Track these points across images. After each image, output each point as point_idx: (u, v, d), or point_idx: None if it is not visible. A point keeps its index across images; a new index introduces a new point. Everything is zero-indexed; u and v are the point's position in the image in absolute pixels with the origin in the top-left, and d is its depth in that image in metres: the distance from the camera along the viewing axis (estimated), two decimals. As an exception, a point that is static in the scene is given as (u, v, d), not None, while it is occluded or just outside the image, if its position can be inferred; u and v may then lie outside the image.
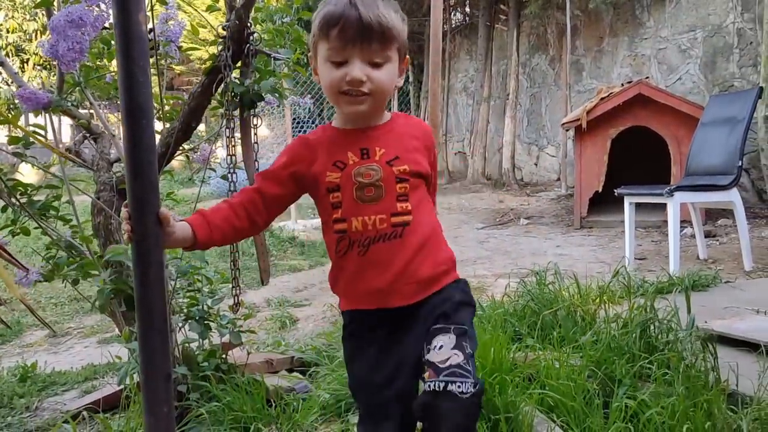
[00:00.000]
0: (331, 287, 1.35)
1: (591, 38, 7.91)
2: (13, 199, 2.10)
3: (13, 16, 14.35)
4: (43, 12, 2.29)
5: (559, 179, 8.29)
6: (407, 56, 1.29)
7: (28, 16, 14.17)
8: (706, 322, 2.45)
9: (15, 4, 13.88)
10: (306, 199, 1.44)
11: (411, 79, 11.92)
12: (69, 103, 2.17)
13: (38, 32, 13.77)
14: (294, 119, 10.29)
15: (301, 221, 6.73)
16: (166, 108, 2.30)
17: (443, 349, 1.19)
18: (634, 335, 2.13)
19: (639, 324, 2.15)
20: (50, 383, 2.70)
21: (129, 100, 1.13)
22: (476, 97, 9.34)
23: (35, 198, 2.12)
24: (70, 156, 2.16)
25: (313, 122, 12.03)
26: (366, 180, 1.22)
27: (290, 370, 2.54)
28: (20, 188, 2.11)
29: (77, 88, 2.05)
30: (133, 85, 1.12)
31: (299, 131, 11.48)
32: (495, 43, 9.57)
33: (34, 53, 13.51)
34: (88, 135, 2.39)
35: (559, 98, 8.37)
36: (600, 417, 1.79)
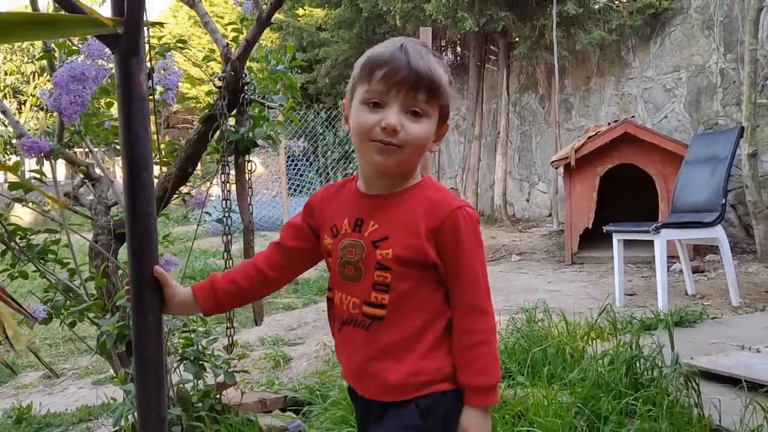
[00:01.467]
0: None
1: (579, 78, 8.10)
2: (13, 243, 2.16)
3: (11, 59, 14.57)
4: (41, 53, 2.38)
5: (550, 215, 8.38)
6: (447, 123, 1.16)
7: (25, 59, 14.39)
8: (692, 358, 2.50)
9: (13, 47, 14.10)
10: None
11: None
12: (69, 151, 2.25)
13: (35, 74, 13.96)
14: (288, 157, 10.41)
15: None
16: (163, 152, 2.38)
17: None
18: (620, 372, 2.18)
19: (625, 361, 2.21)
20: (45, 425, 2.71)
21: (130, 155, 1.20)
22: (468, 134, 9.48)
23: (33, 241, 2.19)
24: (69, 207, 2.22)
25: (307, 160, 12.15)
26: (348, 257, 1.11)
27: (284, 410, 2.56)
28: (19, 232, 2.18)
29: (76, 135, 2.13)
30: (134, 141, 1.19)
31: (294, 168, 11.61)
32: (486, 83, 9.76)
33: (31, 95, 13.68)
34: (86, 180, 2.46)
35: (549, 136, 8.52)
36: (587, 453, 1.83)
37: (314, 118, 12.00)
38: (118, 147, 2.72)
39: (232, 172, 2.15)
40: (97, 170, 2.21)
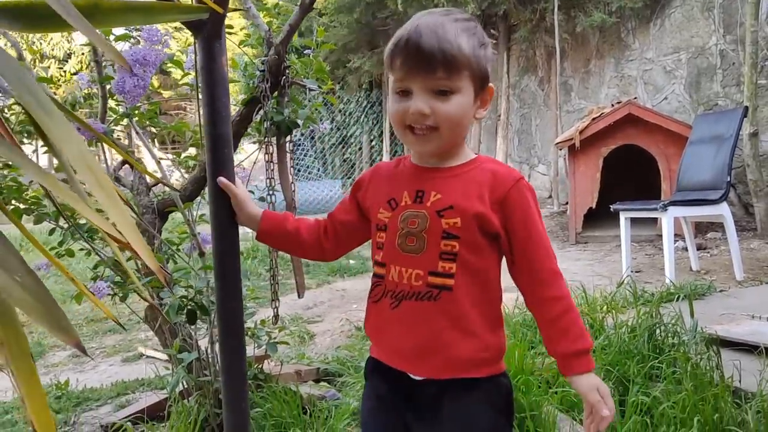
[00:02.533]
0: (364, 326, 1.24)
1: (578, 60, 8.19)
2: (61, 222, 2.25)
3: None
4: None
5: (550, 197, 8.50)
6: (489, 86, 1.12)
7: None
8: (705, 327, 2.62)
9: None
10: None
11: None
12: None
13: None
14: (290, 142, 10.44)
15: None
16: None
17: None
18: (642, 339, 2.30)
19: (647, 328, 2.32)
20: (84, 399, 2.81)
21: (213, 132, 1.30)
22: (468, 118, 9.57)
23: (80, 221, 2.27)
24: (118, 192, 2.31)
25: (297, 146, 12.18)
26: (410, 228, 1.09)
27: (317, 381, 2.68)
28: (67, 211, 2.26)
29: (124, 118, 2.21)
30: (216, 119, 1.29)
31: (301, 154, 11.67)
32: (485, 66, 9.84)
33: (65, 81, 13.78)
34: (126, 162, 2.54)
35: (548, 118, 8.62)
36: (617, 412, 1.95)
37: (311, 102, 12.03)
38: (153, 130, 2.81)
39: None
40: (144, 152, 2.29)
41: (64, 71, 13.57)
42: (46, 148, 0.92)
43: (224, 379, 1.33)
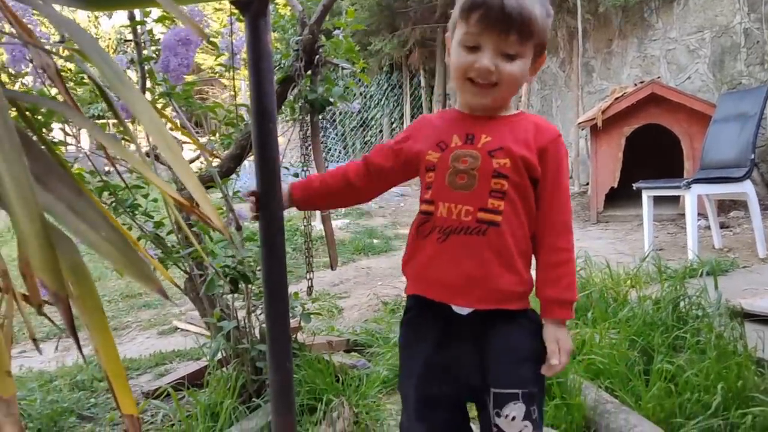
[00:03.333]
0: (402, 267, 1.29)
1: (600, 41, 8.14)
2: (103, 199, 2.35)
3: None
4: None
5: (571, 177, 8.51)
6: (545, 53, 1.22)
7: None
8: (728, 300, 2.67)
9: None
10: None
11: (423, 84, 12.15)
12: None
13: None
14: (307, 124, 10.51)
15: (324, 222, 6.96)
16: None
17: (515, 421, 1.15)
18: (666, 311, 2.35)
19: (671, 301, 2.38)
20: (125, 368, 2.92)
21: (260, 107, 1.36)
22: (488, 99, 9.57)
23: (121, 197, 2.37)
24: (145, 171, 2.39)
25: (322, 129, 12.24)
26: (461, 166, 1.16)
27: (347, 351, 2.77)
28: (109, 189, 2.36)
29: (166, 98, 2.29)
30: (262, 94, 1.36)
31: (322, 136, 11.71)
32: (505, 47, 9.82)
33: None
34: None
35: (569, 99, 8.60)
36: (642, 380, 2.01)
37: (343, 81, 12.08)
38: (185, 110, 2.89)
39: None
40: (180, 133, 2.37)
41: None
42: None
43: (269, 340, 1.40)
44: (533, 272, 1.22)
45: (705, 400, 1.87)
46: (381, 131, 12.56)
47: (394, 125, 12.37)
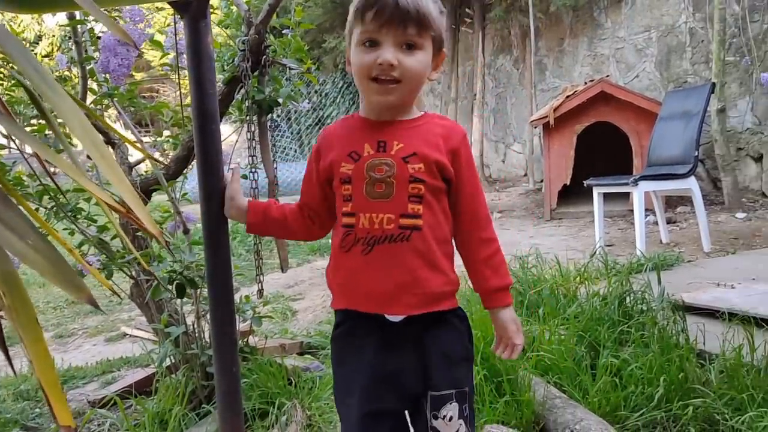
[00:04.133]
0: (328, 282, 1.27)
1: (552, 39, 8.27)
2: (44, 203, 2.28)
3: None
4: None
5: (526, 175, 8.63)
6: (443, 51, 1.23)
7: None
8: (672, 294, 2.74)
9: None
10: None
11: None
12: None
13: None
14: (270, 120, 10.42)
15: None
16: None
17: (452, 421, 1.17)
18: (613, 306, 2.40)
19: (617, 296, 2.43)
20: (70, 377, 2.85)
21: (200, 108, 1.35)
22: (444, 97, 9.63)
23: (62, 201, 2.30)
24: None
25: (276, 127, 12.15)
26: (377, 175, 1.15)
27: (300, 354, 2.75)
28: (49, 193, 2.29)
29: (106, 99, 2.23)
30: (203, 95, 1.34)
31: (277, 135, 11.62)
32: (461, 46, 9.88)
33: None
34: (106, 143, 2.56)
35: (523, 97, 8.72)
36: (589, 375, 2.05)
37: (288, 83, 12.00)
38: (132, 109, 2.82)
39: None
40: (128, 132, 2.32)
41: (35, 53, 13.31)
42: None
43: (215, 344, 1.38)
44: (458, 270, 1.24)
45: (648, 392, 1.92)
46: (337, 130, 12.52)
47: (350, 124, 12.36)
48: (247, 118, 2.16)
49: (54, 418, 0.71)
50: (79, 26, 2.27)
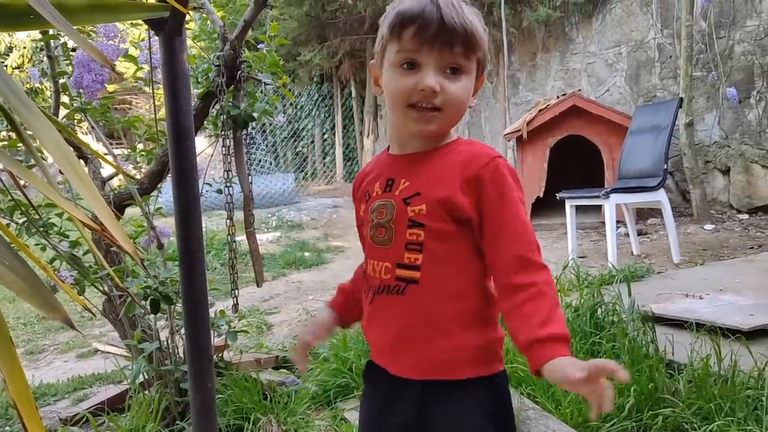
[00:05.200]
0: None
1: (525, 54, 8.40)
2: (15, 218, 2.25)
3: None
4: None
5: (500, 187, 8.71)
6: (484, 74, 1.07)
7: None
8: (642, 305, 2.79)
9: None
10: (256, 215, 1.44)
11: (354, 94, 12.20)
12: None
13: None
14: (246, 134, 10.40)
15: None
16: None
17: None
18: (585, 318, 2.44)
19: (589, 308, 2.47)
20: (41, 394, 2.81)
21: (176, 124, 1.36)
22: (419, 110, 9.69)
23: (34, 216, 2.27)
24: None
25: (251, 139, 12.11)
26: (379, 219, 1.04)
27: (276, 368, 2.74)
28: (22, 207, 2.26)
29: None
30: (179, 112, 1.35)
31: (252, 147, 11.57)
32: (435, 59, 9.99)
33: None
34: (79, 157, 2.54)
35: (497, 111, 8.82)
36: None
37: (263, 96, 11.99)
38: (103, 123, 2.80)
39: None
40: (99, 146, 2.31)
41: (5, 65, 13.12)
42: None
43: (190, 360, 1.38)
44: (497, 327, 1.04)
45: (619, 402, 1.95)
46: (312, 142, 12.53)
47: (325, 136, 12.38)
48: (223, 133, 2.17)
49: (27, 436, 0.71)
50: (52, 41, 2.27)
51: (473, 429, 0.99)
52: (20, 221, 2.26)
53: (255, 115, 2.27)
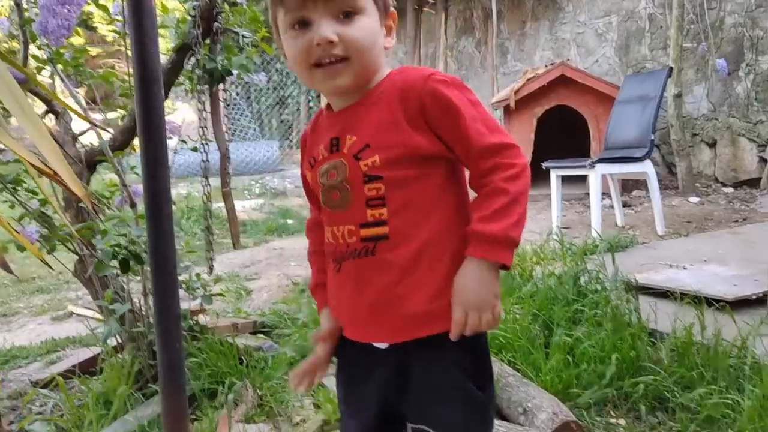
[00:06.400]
0: None
1: (514, 22, 8.28)
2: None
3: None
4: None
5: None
6: (391, 10, 1.00)
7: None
8: (626, 275, 2.76)
9: None
10: (239, 182, 1.37)
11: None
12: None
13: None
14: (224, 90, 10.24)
15: (238, 202, 6.80)
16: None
17: None
18: (568, 285, 2.41)
19: (572, 276, 2.44)
20: (12, 357, 2.74)
21: (142, 69, 1.26)
22: (406, 79, 9.57)
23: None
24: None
25: (235, 106, 11.94)
26: (330, 181, 0.97)
27: (253, 333, 2.69)
28: (-13, 163, 2.17)
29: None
30: (145, 55, 1.26)
31: (237, 114, 11.42)
32: (423, 27, 9.82)
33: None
34: (48, 112, 2.44)
35: (485, 80, 8.72)
36: (542, 353, 2.05)
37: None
38: (79, 79, 2.70)
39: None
40: (70, 100, 2.21)
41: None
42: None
43: (157, 318, 1.32)
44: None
45: (600, 370, 1.93)
46: (298, 109, 12.36)
47: (311, 103, 12.21)
48: (198, 87, 2.08)
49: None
50: (18, -13, 2.15)
51: (454, 388, 0.95)
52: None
53: (234, 72, 2.19)
